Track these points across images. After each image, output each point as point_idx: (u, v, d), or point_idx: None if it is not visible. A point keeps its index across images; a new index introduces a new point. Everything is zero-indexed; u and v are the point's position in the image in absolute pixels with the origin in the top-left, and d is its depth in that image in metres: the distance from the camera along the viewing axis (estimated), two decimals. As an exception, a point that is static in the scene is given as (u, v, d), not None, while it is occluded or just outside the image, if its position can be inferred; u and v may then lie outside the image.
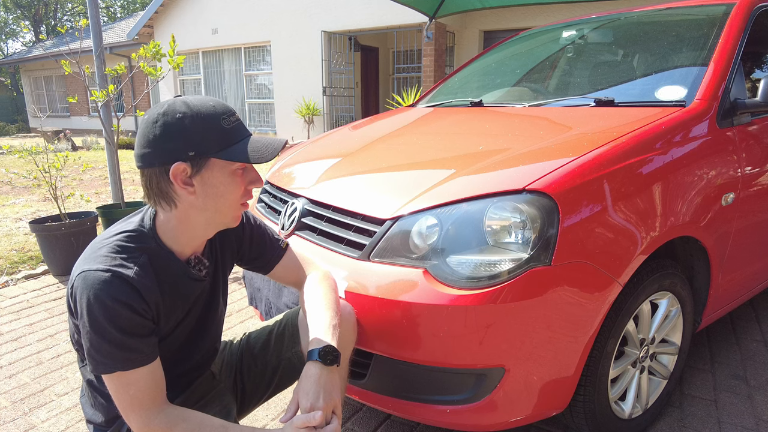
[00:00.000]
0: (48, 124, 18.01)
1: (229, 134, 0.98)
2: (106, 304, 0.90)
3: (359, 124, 2.42)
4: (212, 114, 0.97)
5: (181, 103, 0.96)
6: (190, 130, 0.95)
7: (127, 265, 0.95)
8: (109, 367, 0.92)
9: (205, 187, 0.98)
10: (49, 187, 3.24)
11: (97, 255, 0.95)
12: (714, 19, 1.90)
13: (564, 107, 1.89)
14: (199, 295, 1.13)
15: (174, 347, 1.11)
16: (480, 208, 1.24)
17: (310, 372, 1.03)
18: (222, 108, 0.99)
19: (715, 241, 1.59)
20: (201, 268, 1.11)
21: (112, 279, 0.92)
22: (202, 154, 0.96)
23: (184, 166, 0.95)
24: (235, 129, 1.00)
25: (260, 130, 11.11)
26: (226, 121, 0.98)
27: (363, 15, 8.80)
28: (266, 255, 1.29)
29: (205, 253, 1.13)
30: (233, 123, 1.00)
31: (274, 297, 1.58)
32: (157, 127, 0.94)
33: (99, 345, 0.91)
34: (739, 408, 1.75)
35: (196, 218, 1.02)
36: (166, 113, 0.95)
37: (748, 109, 1.66)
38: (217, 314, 1.22)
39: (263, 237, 1.28)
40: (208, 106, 0.98)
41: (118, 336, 0.91)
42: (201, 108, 0.97)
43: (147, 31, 12.20)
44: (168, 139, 0.94)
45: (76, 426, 1.74)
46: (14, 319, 2.58)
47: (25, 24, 27.59)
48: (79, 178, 7.18)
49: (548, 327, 1.21)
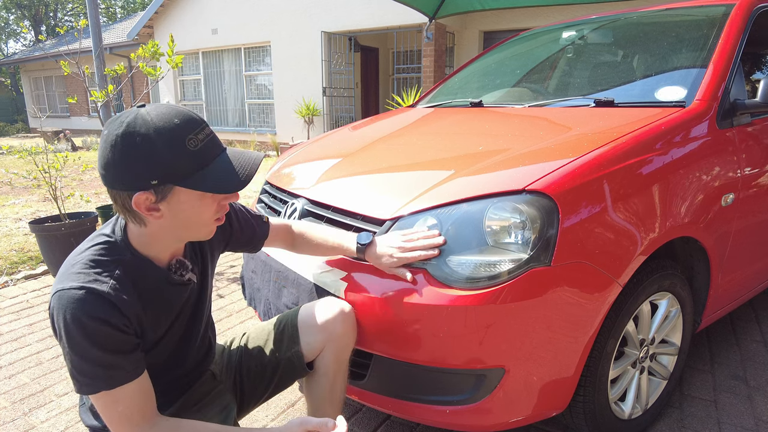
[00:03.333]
0: (48, 124, 18.01)
1: (196, 157, 0.89)
2: (84, 323, 0.86)
3: (359, 124, 2.42)
4: (176, 134, 0.87)
5: (141, 122, 0.86)
6: (151, 156, 0.86)
7: (101, 279, 0.90)
8: (93, 387, 0.89)
9: (174, 211, 0.92)
10: (48, 187, 3.24)
11: (70, 272, 0.91)
12: (714, 20, 1.90)
13: (564, 107, 1.89)
14: (188, 298, 1.10)
15: (166, 353, 1.09)
16: (480, 208, 1.24)
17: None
18: (188, 124, 0.89)
19: (714, 242, 1.59)
20: (183, 273, 1.06)
21: (87, 296, 0.87)
22: (165, 182, 0.88)
23: (147, 194, 0.88)
24: (202, 150, 0.90)
25: (260, 130, 11.12)
26: (192, 141, 0.89)
27: (363, 15, 8.80)
28: (256, 236, 1.32)
29: (186, 254, 1.09)
30: (201, 142, 0.90)
31: (274, 297, 1.58)
32: (115, 151, 0.86)
33: (81, 366, 0.87)
34: (739, 408, 1.75)
35: (167, 236, 0.98)
36: (125, 135, 0.85)
37: (748, 110, 1.66)
38: (206, 314, 1.20)
39: (249, 221, 1.30)
40: (173, 123, 0.88)
41: (99, 354, 0.87)
42: (164, 127, 0.87)
43: (147, 31, 12.20)
44: (127, 167, 0.86)
45: (76, 426, 1.74)
46: (14, 320, 2.58)
47: (25, 24, 27.59)
48: (79, 179, 7.18)
49: (548, 327, 1.21)
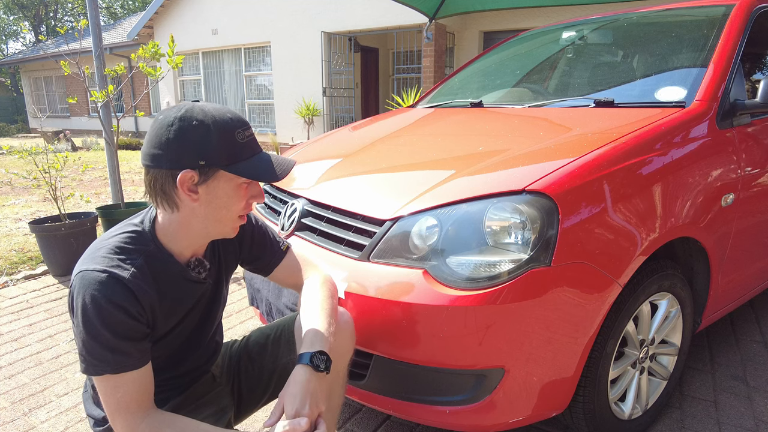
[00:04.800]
0: (48, 124, 18.01)
1: (242, 149, 0.98)
2: (101, 306, 0.90)
3: (359, 124, 2.42)
4: (229, 126, 0.96)
5: (198, 110, 0.95)
6: (205, 139, 0.94)
7: (123, 266, 0.95)
8: (99, 369, 0.92)
9: (210, 196, 0.98)
10: (48, 187, 3.24)
11: (96, 255, 0.96)
12: (714, 20, 1.90)
13: (564, 108, 1.89)
14: (201, 297, 1.13)
15: (173, 348, 1.11)
16: (480, 208, 1.24)
17: (298, 376, 1.01)
18: (238, 121, 0.98)
19: (714, 242, 1.59)
20: (201, 271, 1.10)
21: (108, 280, 0.91)
22: (212, 165, 0.95)
23: (192, 173, 0.94)
24: (248, 144, 0.99)
25: (260, 130, 11.11)
26: (240, 135, 0.98)
27: (363, 16, 8.80)
28: (266, 256, 1.28)
29: (206, 255, 1.13)
30: (247, 138, 0.99)
31: (274, 298, 1.58)
32: (172, 130, 0.93)
33: (91, 346, 0.91)
34: (739, 409, 1.75)
35: (196, 225, 1.02)
36: (183, 118, 0.94)
37: (748, 110, 1.66)
38: (217, 315, 1.22)
39: (264, 238, 1.28)
40: (226, 117, 0.97)
41: (111, 339, 0.91)
42: (218, 118, 0.96)
43: (147, 31, 12.20)
44: (181, 145, 0.93)
45: (76, 426, 1.74)
46: (14, 320, 2.58)
47: (25, 25, 27.60)
48: (79, 179, 7.18)
49: (548, 328, 1.21)
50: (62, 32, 13.73)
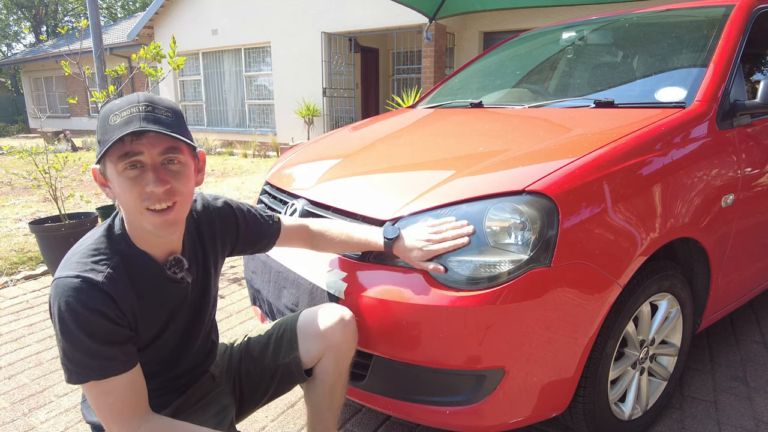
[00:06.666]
0: (48, 124, 18.00)
1: (113, 130, 0.89)
2: (77, 312, 0.88)
3: (359, 125, 2.42)
4: (107, 111, 0.92)
5: None
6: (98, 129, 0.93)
7: (97, 269, 0.92)
8: (83, 377, 0.90)
9: (113, 186, 0.94)
10: (48, 187, 3.24)
11: (70, 261, 0.93)
12: (714, 21, 1.90)
13: (564, 108, 1.89)
14: (185, 297, 1.10)
15: (166, 350, 1.09)
16: (480, 209, 1.24)
17: (400, 242, 1.24)
18: (122, 103, 0.92)
19: (715, 243, 1.59)
20: (177, 271, 1.05)
21: (82, 285, 0.89)
22: (99, 153, 0.91)
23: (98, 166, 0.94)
24: (119, 124, 0.89)
25: (260, 131, 11.11)
26: (115, 117, 0.90)
27: (363, 16, 8.80)
28: (265, 235, 1.30)
29: (185, 253, 1.09)
30: (123, 117, 0.90)
31: (274, 298, 1.58)
32: None
33: (72, 354, 0.89)
34: (739, 409, 1.75)
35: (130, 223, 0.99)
36: None
37: (748, 111, 1.66)
38: (208, 314, 1.19)
39: (257, 220, 1.29)
40: (116, 102, 0.93)
41: (91, 344, 0.88)
42: (108, 105, 0.94)
43: (147, 31, 12.20)
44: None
45: (76, 427, 1.74)
46: (14, 320, 2.58)
47: (26, 25, 27.61)
48: (79, 179, 7.18)
49: (548, 328, 1.21)
50: (63, 32, 13.71)
